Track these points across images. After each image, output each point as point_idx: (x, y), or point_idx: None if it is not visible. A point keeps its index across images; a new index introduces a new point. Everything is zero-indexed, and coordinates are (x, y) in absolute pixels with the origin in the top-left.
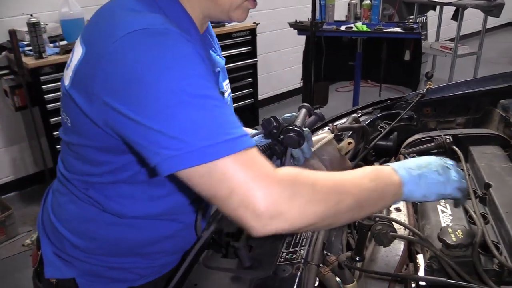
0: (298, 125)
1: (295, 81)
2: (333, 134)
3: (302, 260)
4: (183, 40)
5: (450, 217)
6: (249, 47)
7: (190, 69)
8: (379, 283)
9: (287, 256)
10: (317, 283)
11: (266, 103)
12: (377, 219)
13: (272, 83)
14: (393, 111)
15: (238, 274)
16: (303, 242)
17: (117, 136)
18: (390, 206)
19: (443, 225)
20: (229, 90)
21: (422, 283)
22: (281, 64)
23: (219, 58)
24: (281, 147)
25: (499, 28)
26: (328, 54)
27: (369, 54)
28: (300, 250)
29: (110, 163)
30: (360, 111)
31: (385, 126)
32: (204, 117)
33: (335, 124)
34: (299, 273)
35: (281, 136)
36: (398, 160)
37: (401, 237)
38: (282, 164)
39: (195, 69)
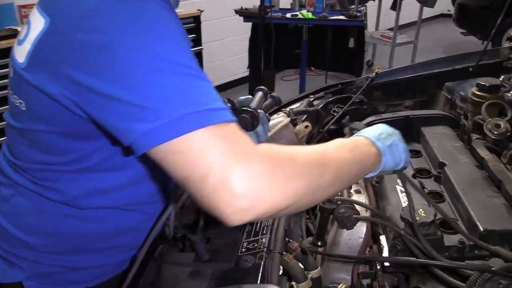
0: (252, 107)
1: (240, 70)
2: (289, 118)
3: (265, 248)
4: (161, 6)
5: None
6: (194, 35)
7: (166, 36)
8: (343, 266)
9: (248, 246)
10: (281, 272)
11: None
12: (339, 202)
13: (216, 73)
14: (345, 95)
15: (198, 268)
16: (264, 230)
17: (87, 118)
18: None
19: (403, 205)
20: None
21: (387, 264)
22: (226, 53)
23: None
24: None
25: (434, 19)
26: (274, 42)
27: (314, 42)
28: (261, 238)
29: (76, 151)
30: (312, 96)
31: (338, 110)
32: (180, 84)
33: (290, 108)
34: (262, 263)
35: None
36: None
37: (365, 219)
38: None
39: (171, 36)
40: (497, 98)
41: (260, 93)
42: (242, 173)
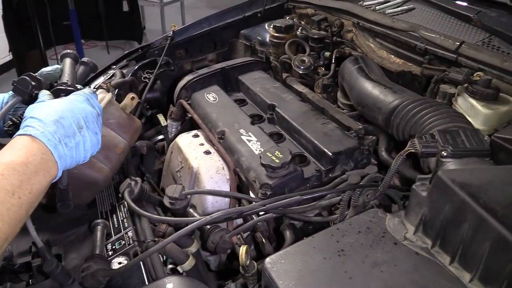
0: (67, 82)
1: (2, 55)
2: (110, 93)
3: (135, 242)
4: None
5: (258, 143)
6: None
7: None
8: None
9: (114, 247)
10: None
11: None
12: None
13: None
14: (149, 59)
15: None
16: (126, 223)
17: None
18: None
19: (256, 153)
20: None
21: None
22: None
23: None
24: None
25: None
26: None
27: (84, 11)
28: (126, 232)
29: None
30: (114, 66)
31: (148, 76)
32: None
33: (106, 81)
34: (140, 258)
35: None
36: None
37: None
38: None
39: None
40: (293, 37)
41: (68, 60)
42: None
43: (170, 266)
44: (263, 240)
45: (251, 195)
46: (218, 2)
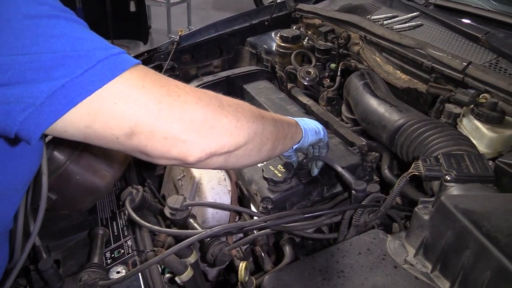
0: None
1: None
2: None
3: (134, 252)
4: None
5: None
6: None
7: None
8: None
9: (113, 255)
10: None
11: None
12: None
13: None
14: (155, 64)
15: None
16: (125, 232)
17: None
18: None
19: (259, 165)
20: None
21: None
22: None
23: None
24: None
25: None
26: None
27: (91, 9)
28: (126, 241)
29: None
30: None
31: None
32: (69, 34)
33: None
34: (139, 269)
35: None
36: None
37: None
38: None
39: None
40: (300, 47)
41: None
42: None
43: (167, 275)
44: (262, 254)
45: (252, 207)
46: (225, 4)
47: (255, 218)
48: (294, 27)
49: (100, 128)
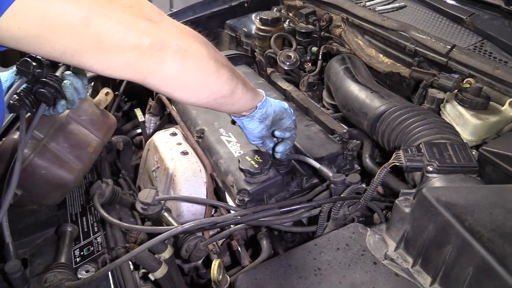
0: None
1: None
2: None
3: (104, 249)
4: None
5: (238, 144)
6: None
7: None
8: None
9: (82, 253)
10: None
11: None
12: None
13: None
14: None
15: None
16: (95, 228)
17: None
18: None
19: (235, 154)
20: None
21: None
22: None
23: None
24: (51, 89)
25: None
26: None
27: None
28: (96, 238)
29: None
30: None
31: None
32: None
33: None
34: (108, 268)
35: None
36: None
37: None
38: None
39: None
40: (280, 30)
41: None
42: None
43: (142, 270)
44: (239, 249)
45: (228, 199)
46: None
47: (231, 212)
48: (275, 9)
49: (55, 15)
